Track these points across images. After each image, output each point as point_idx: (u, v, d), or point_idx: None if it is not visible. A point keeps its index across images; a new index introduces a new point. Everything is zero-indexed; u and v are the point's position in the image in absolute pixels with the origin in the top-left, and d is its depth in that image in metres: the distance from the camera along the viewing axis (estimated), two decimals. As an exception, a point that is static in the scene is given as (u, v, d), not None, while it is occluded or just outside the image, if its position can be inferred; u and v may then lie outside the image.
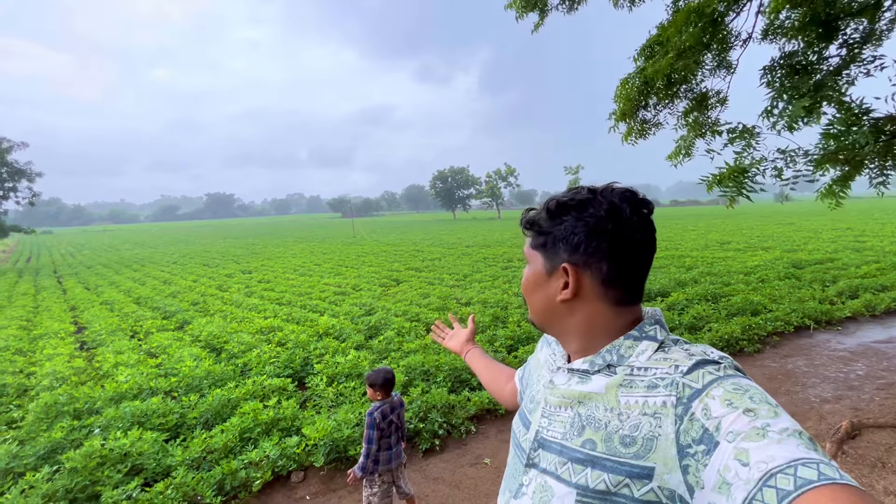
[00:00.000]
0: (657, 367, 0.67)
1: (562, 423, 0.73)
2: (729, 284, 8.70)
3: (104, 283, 15.05)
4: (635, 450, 0.63)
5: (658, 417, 0.63)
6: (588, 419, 0.70)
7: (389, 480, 2.63)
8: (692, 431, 0.58)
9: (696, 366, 0.64)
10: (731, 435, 0.54)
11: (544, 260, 0.77)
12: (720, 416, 0.56)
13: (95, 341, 7.29)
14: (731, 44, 4.78)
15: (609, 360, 0.72)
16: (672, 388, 0.63)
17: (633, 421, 0.65)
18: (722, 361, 0.65)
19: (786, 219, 32.13)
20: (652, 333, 0.73)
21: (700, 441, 0.57)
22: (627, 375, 0.69)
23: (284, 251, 23.69)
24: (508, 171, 70.61)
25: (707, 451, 0.55)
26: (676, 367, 0.65)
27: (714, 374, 0.62)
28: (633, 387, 0.67)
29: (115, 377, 5.06)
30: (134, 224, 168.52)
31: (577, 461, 0.68)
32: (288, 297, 10.26)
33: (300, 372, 5.41)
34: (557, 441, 0.73)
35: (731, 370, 0.64)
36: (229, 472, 3.28)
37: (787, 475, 0.47)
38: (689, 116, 5.05)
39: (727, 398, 0.58)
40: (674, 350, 0.69)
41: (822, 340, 6.04)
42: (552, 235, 0.75)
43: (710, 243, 17.65)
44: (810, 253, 13.02)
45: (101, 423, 3.97)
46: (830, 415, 4.00)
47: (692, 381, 0.62)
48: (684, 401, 0.61)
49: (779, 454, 0.49)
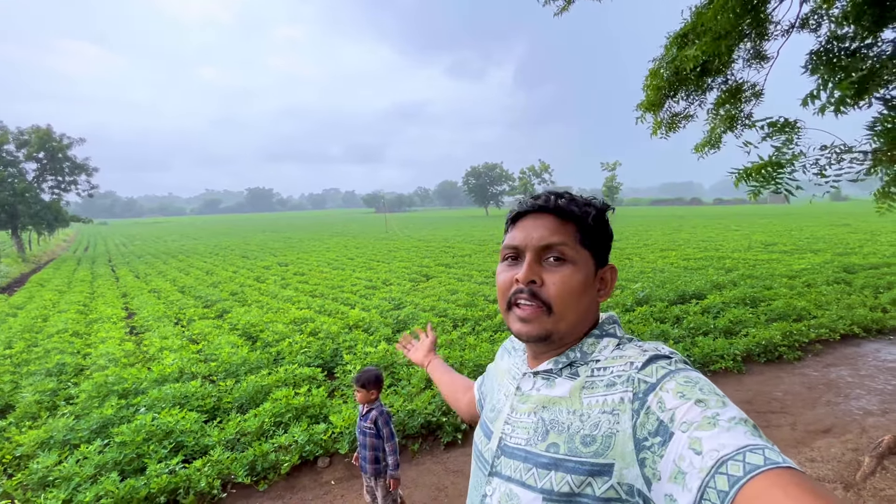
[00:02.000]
0: (614, 366, 0.69)
1: (525, 430, 0.73)
2: (771, 288, 8.30)
3: (152, 272, 15.98)
4: (595, 448, 0.64)
5: (616, 414, 0.64)
6: (552, 423, 0.70)
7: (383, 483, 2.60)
8: (648, 424, 0.59)
9: (650, 361, 0.66)
10: (684, 425, 0.55)
11: (594, 259, 0.75)
12: (674, 407, 0.58)
13: (143, 326, 7.79)
14: (769, 33, 4.56)
15: (573, 358, 0.74)
16: (628, 384, 0.65)
17: (593, 420, 0.66)
18: (672, 356, 0.67)
19: (841, 219, 30.12)
20: (612, 331, 0.76)
21: (656, 433, 0.58)
22: (588, 377, 0.70)
23: (319, 245, 24.36)
24: (543, 167, 69.56)
25: (663, 443, 0.57)
26: (631, 364, 0.67)
27: (666, 368, 0.64)
28: (594, 387, 0.69)
29: (161, 360, 5.42)
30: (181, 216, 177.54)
31: (541, 465, 0.68)
32: (321, 289, 10.58)
33: (329, 362, 5.61)
34: (521, 447, 0.72)
35: (682, 364, 0.66)
36: (261, 454, 3.47)
37: (736, 461, 0.49)
38: (720, 109, 4.85)
39: (679, 390, 0.59)
40: (629, 347, 0.72)
41: (870, 350, 5.69)
42: (600, 234, 0.76)
43: (753, 244, 16.82)
44: (865, 257, 12.20)
45: (147, 403, 4.27)
46: (873, 428, 3.79)
47: (646, 376, 0.64)
48: (640, 395, 0.62)
49: (728, 442, 0.51)
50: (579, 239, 0.73)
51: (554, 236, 0.72)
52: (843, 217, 33.21)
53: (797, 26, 4.58)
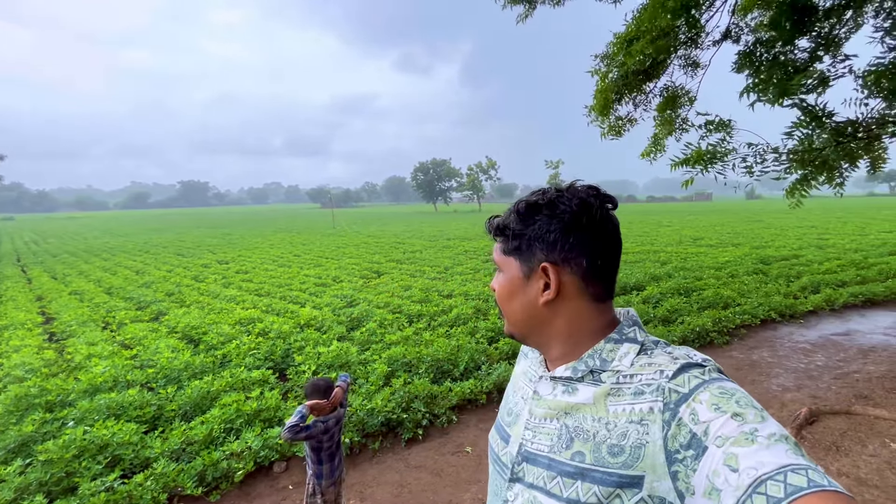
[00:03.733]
0: (642, 373, 0.67)
1: (548, 436, 0.72)
2: (701, 279, 9.02)
3: (72, 272, 14.51)
4: (623, 459, 0.62)
5: (645, 424, 0.62)
6: (576, 430, 0.68)
7: (332, 499, 2.47)
8: (680, 437, 0.58)
9: (681, 370, 0.64)
10: (719, 440, 0.53)
11: (520, 263, 0.75)
12: (708, 420, 0.56)
13: (65, 332, 7.07)
14: (701, 41, 4.94)
15: (592, 366, 0.71)
16: (658, 394, 0.63)
17: (620, 429, 0.64)
18: (706, 364, 0.65)
19: (755, 216, 33.29)
20: (632, 335, 0.72)
21: (688, 446, 0.56)
22: (614, 384, 0.68)
23: (262, 241, 23.27)
24: (490, 164, 70.81)
25: (696, 457, 0.55)
26: (661, 372, 0.65)
27: (700, 378, 0.62)
28: (621, 395, 0.67)
29: (90, 369, 4.94)
30: (102, 211, 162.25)
31: (566, 475, 0.66)
32: (267, 288, 10.13)
33: (281, 363, 5.39)
34: (545, 454, 0.70)
35: (716, 373, 0.63)
36: (210, 463, 3.27)
37: (776, 482, 0.47)
38: (662, 113, 5.22)
39: (714, 402, 0.57)
40: (657, 354, 0.69)
41: (785, 333, 6.36)
42: (526, 237, 0.74)
43: (683, 239, 18.18)
44: (777, 249, 13.57)
45: (76, 416, 3.89)
46: (791, 402, 4.24)
47: (678, 386, 0.62)
48: (671, 406, 0.60)
49: (768, 460, 0.49)
50: (501, 248, 0.79)
51: (493, 252, 0.83)
52: (756, 214, 36.73)
53: (725, 38, 5.00)
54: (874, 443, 3.51)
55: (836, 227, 21.41)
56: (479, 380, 4.60)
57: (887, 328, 6.45)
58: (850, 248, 13.50)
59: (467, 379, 4.72)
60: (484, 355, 5.25)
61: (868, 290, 7.87)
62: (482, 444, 3.79)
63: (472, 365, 5.06)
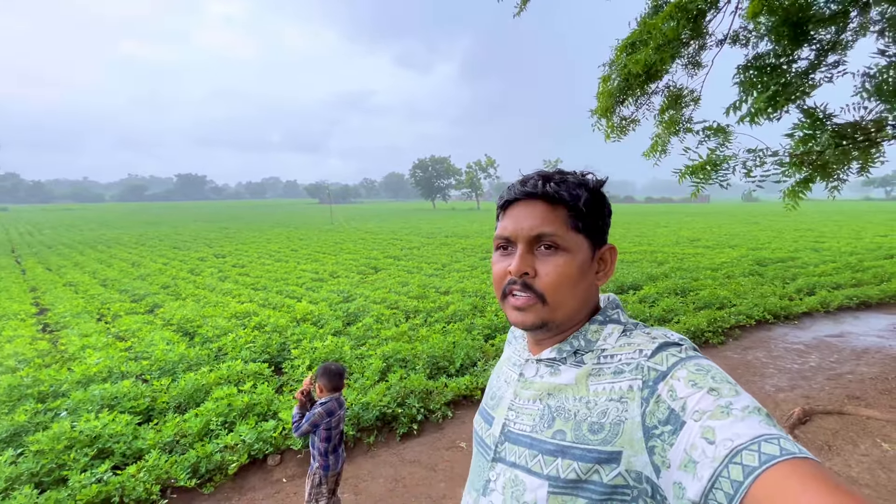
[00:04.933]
0: (622, 353, 0.68)
1: (531, 416, 0.72)
2: (697, 279, 9.05)
3: (67, 263, 14.44)
4: (603, 436, 0.63)
5: (624, 402, 0.63)
6: (558, 410, 0.69)
7: (332, 488, 2.52)
8: (658, 413, 0.59)
9: (659, 348, 0.65)
10: (696, 414, 0.55)
11: (590, 243, 0.72)
12: (685, 396, 0.57)
13: (59, 323, 7.03)
14: (706, 43, 4.94)
15: (577, 346, 0.72)
16: (637, 372, 0.64)
17: (600, 408, 0.65)
18: (682, 343, 0.67)
19: (752, 218, 33.42)
20: (615, 317, 0.74)
21: (666, 421, 0.58)
22: (595, 364, 0.69)
23: (260, 236, 23.21)
24: (489, 162, 70.80)
25: (673, 431, 0.56)
26: (640, 352, 0.66)
27: (677, 356, 0.63)
28: (602, 374, 0.68)
29: (84, 360, 4.92)
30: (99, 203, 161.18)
31: (547, 452, 0.67)
32: (264, 282, 10.10)
33: (276, 357, 5.38)
34: (527, 434, 0.71)
35: (692, 351, 0.65)
36: (204, 455, 3.26)
37: (751, 451, 0.49)
38: (664, 114, 5.20)
39: (691, 378, 0.59)
40: (636, 334, 0.70)
41: (780, 334, 6.38)
42: (597, 216, 0.73)
43: (681, 240, 18.24)
44: (773, 251, 13.63)
45: (69, 406, 3.87)
46: (784, 402, 4.26)
47: (657, 364, 0.63)
48: (650, 383, 0.62)
49: (743, 431, 0.50)
50: (572, 224, 0.70)
51: (545, 224, 0.69)
52: (753, 216, 36.88)
53: (729, 40, 4.99)
54: (866, 442, 3.53)
55: (833, 230, 21.52)
56: (475, 376, 4.60)
57: (881, 330, 6.49)
58: (845, 251, 13.57)
59: (463, 375, 4.72)
60: (480, 352, 5.25)
61: (862, 292, 7.91)
62: (477, 439, 3.79)
63: (468, 361, 5.06)
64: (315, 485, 2.47)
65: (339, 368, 2.53)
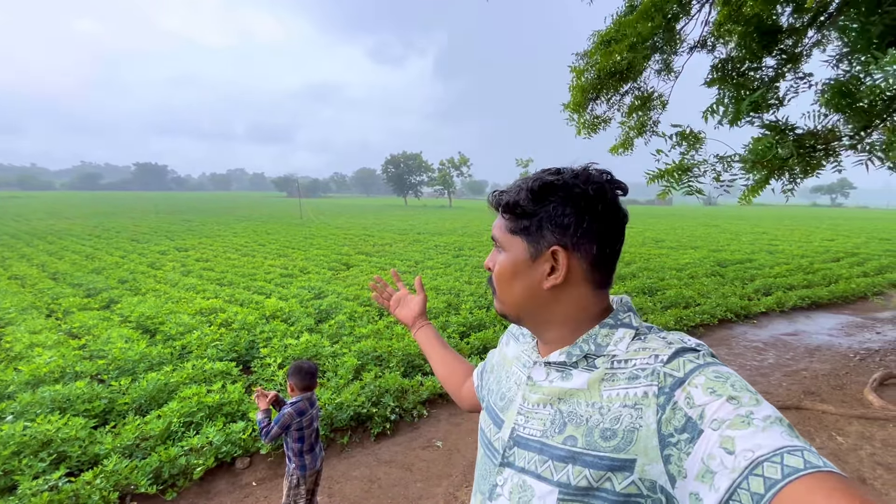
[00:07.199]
0: (637, 358, 0.66)
1: (541, 421, 0.71)
2: (664, 279, 9.36)
3: (13, 255, 13.47)
4: (615, 443, 0.62)
5: (639, 408, 0.62)
6: (570, 415, 0.68)
7: (310, 488, 2.44)
8: (675, 420, 0.58)
9: (676, 354, 0.64)
10: (715, 423, 0.53)
11: (527, 244, 0.72)
12: (703, 404, 0.56)
13: (3, 319, 6.54)
14: (678, 48, 5.08)
15: (587, 350, 0.70)
16: (653, 378, 0.62)
17: (613, 413, 0.64)
18: (700, 349, 0.65)
19: (712, 221, 34.90)
20: (627, 320, 0.72)
21: (683, 430, 0.56)
22: (609, 369, 0.68)
23: (225, 229, 22.38)
24: (462, 160, 70.88)
25: (690, 440, 0.55)
26: (656, 357, 0.64)
27: (694, 363, 0.62)
28: (615, 380, 0.66)
29: (32, 359, 4.59)
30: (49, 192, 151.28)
31: (558, 458, 0.66)
32: (230, 277, 9.74)
33: (245, 356, 5.19)
34: (537, 439, 0.70)
35: (710, 357, 0.64)
36: (167, 459, 3.10)
37: (773, 463, 0.47)
38: (633, 114, 5.33)
39: (709, 386, 0.57)
40: (651, 339, 0.69)
41: (740, 332, 6.68)
42: (537, 217, 0.71)
43: (646, 240, 18.82)
44: (732, 253, 14.27)
45: (15, 410, 3.59)
46: (746, 398, 4.46)
47: (673, 370, 0.62)
48: (666, 390, 0.60)
49: (765, 442, 0.49)
50: (507, 227, 0.75)
51: (494, 229, 0.79)
52: (713, 219, 38.53)
53: (698, 46, 5.15)
54: (822, 436, 3.74)
55: (785, 234, 22.75)
56: (451, 374, 4.58)
57: (830, 329, 6.90)
58: (797, 253, 14.37)
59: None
60: (455, 350, 5.24)
61: (814, 293, 8.39)
62: (453, 438, 3.77)
63: (444, 359, 5.03)
64: (293, 486, 2.39)
65: (311, 367, 2.46)
